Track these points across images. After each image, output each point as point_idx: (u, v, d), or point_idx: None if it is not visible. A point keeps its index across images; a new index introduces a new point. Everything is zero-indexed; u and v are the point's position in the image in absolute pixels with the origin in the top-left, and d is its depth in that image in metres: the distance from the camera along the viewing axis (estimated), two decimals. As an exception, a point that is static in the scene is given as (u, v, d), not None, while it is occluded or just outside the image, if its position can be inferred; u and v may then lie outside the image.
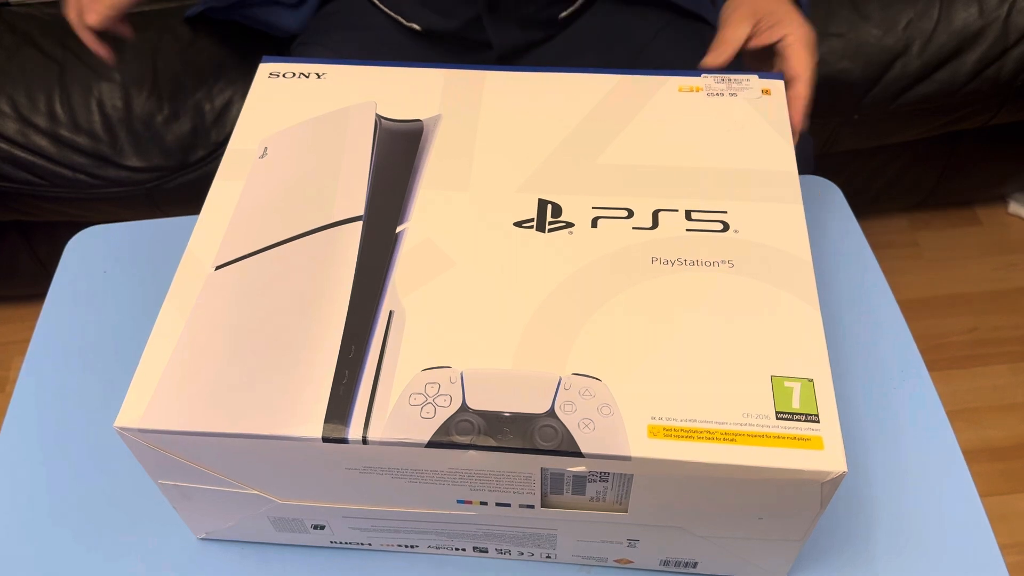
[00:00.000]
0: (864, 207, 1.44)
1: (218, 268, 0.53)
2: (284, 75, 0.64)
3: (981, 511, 0.58)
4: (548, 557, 0.55)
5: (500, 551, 0.55)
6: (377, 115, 0.61)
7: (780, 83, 0.63)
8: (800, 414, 0.46)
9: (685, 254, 0.52)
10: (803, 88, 0.63)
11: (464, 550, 0.55)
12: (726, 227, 0.54)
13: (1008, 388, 1.36)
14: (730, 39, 0.65)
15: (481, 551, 0.55)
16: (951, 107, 1.19)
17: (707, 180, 0.57)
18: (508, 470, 0.46)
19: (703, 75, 0.63)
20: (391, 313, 0.50)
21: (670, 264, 0.52)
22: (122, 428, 0.46)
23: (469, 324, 0.50)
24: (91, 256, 0.75)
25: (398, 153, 0.59)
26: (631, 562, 0.54)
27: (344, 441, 0.45)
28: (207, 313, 0.51)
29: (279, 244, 0.54)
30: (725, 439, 0.45)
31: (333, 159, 0.59)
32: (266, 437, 0.46)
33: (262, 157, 0.59)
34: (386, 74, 0.64)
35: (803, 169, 0.81)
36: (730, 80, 0.63)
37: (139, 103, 1.08)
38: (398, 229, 0.54)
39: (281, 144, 0.60)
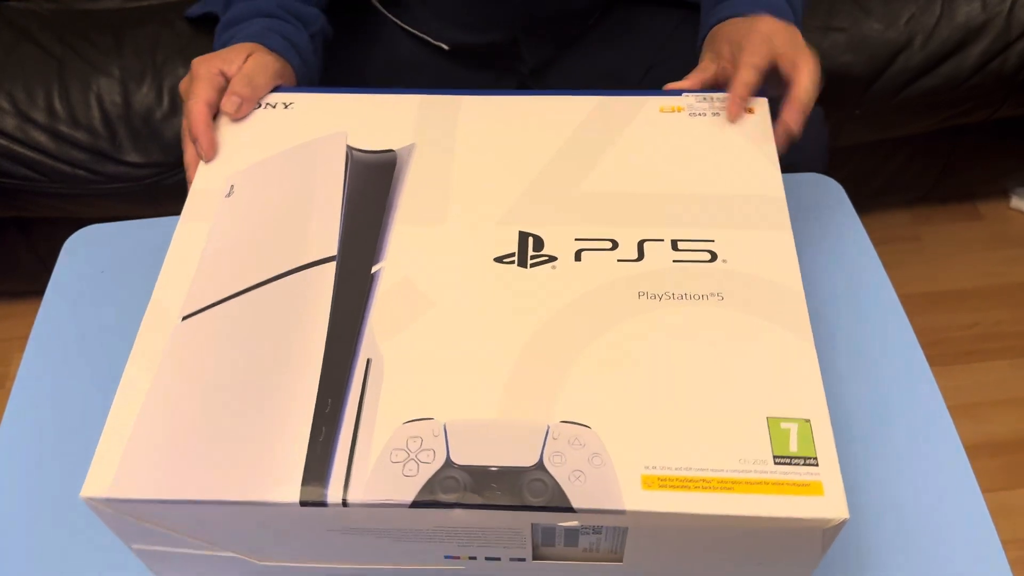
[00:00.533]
0: (866, 202, 1.45)
1: (185, 318, 0.50)
2: (261, 104, 0.61)
3: (983, 507, 0.57)
4: (541, 603, 0.53)
5: None
6: (348, 146, 0.59)
7: (764, 101, 0.61)
8: (798, 458, 0.44)
9: (672, 287, 0.51)
10: (802, 91, 0.59)
11: (454, 599, 0.53)
12: (714, 257, 0.52)
13: (1009, 383, 1.34)
14: (743, 83, 0.60)
15: (471, 600, 0.53)
16: (954, 101, 1.18)
17: (692, 207, 0.55)
18: (497, 526, 0.44)
19: (684, 94, 0.61)
20: (368, 361, 0.48)
21: (657, 299, 0.50)
22: (89, 498, 0.44)
23: (451, 371, 0.47)
24: (89, 254, 0.75)
25: (371, 186, 0.56)
26: None
27: (323, 504, 0.43)
28: (175, 368, 0.48)
29: (249, 290, 0.51)
30: (722, 487, 0.43)
31: (303, 195, 0.56)
32: (241, 503, 0.43)
33: (228, 196, 0.56)
34: (356, 102, 0.62)
35: (816, 166, 0.79)
36: (712, 99, 0.61)
37: (138, 99, 1.06)
38: (374, 269, 0.52)
39: (248, 181, 0.57)
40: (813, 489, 0.43)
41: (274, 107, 0.61)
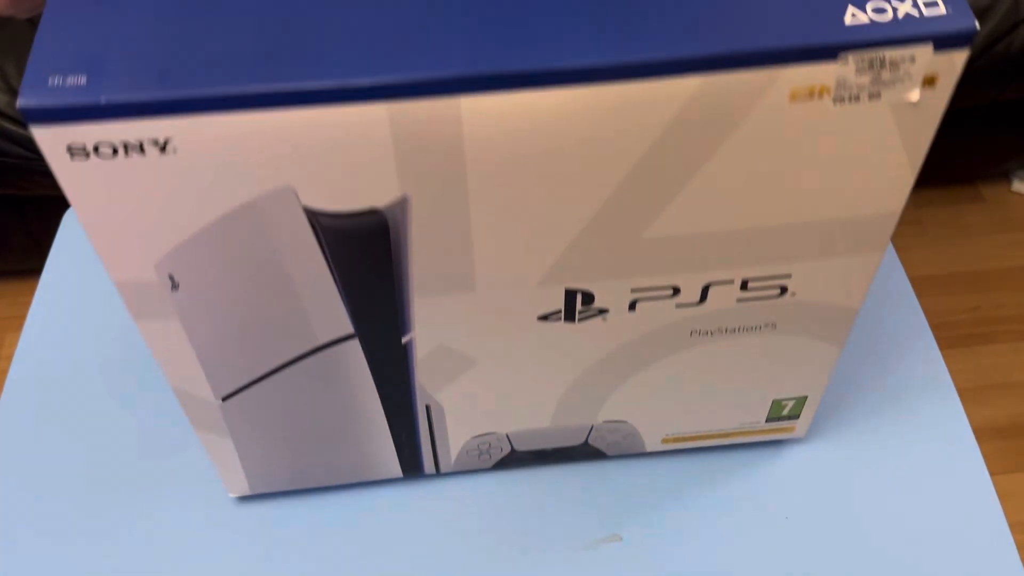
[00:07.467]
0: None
1: (225, 399, 0.48)
2: (98, 151, 0.34)
3: (991, 490, 0.57)
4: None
5: None
6: (306, 209, 0.38)
7: (963, 57, 0.35)
8: (787, 416, 0.56)
9: (728, 323, 0.48)
10: None
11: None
12: (783, 291, 0.46)
13: (1011, 366, 1.36)
14: None
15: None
16: (958, 83, 0.98)
17: (784, 238, 0.43)
18: None
19: (840, 56, 0.35)
20: (428, 407, 0.51)
21: (709, 335, 0.48)
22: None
23: (506, 403, 0.52)
24: None
25: (364, 257, 0.41)
26: None
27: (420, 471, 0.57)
28: (244, 433, 0.51)
29: (276, 371, 0.47)
30: (721, 436, 0.57)
31: (276, 276, 0.41)
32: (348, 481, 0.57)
33: (175, 289, 0.41)
34: (281, 125, 0.34)
35: None
36: (878, 65, 0.35)
37: None
38: (404, 340, 0.46)
39: (185, 268, 0.40)
40: (789, 429, 0.57)
41: (143, 151, 0.35)
